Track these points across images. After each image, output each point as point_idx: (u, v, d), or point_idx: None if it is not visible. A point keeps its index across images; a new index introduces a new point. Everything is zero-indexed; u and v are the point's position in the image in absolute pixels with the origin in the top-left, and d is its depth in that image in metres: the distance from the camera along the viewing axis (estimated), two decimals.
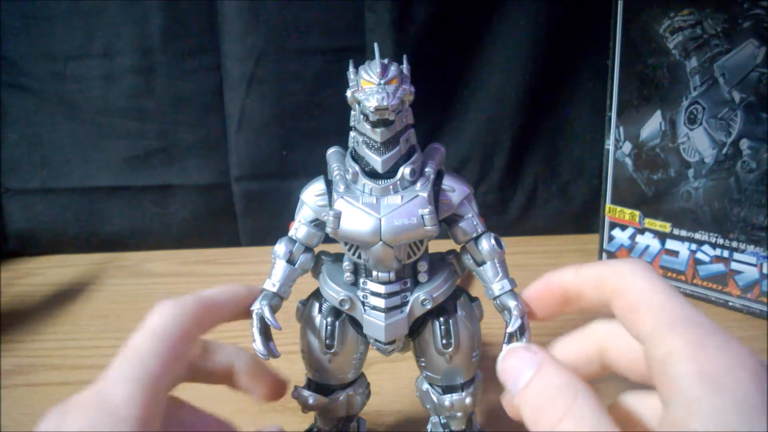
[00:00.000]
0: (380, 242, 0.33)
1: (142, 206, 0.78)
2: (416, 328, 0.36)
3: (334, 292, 0.35)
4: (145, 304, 0.31)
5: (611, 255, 0.69)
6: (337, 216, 0.33)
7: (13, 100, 0.73)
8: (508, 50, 0.73)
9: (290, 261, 0.36)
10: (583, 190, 0.79)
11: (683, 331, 0.25)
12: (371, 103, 0.31)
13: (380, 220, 0.32)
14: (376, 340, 0.35)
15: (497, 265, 0.35)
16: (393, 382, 0.37)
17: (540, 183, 0.79)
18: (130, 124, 0.74)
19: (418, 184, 0.33)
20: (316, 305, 0.36)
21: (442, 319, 0.36)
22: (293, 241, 0.36)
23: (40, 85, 0.73)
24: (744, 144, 0.57)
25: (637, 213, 0.66)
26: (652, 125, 0.62)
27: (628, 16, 0.61)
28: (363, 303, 0.35)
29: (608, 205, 0.68)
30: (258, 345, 0.34)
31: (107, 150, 0.75)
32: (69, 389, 0.28)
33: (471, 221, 0.35)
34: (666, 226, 0.64)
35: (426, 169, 0.34)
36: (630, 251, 0.67)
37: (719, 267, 0.61)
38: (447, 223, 0.35)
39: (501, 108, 0.75)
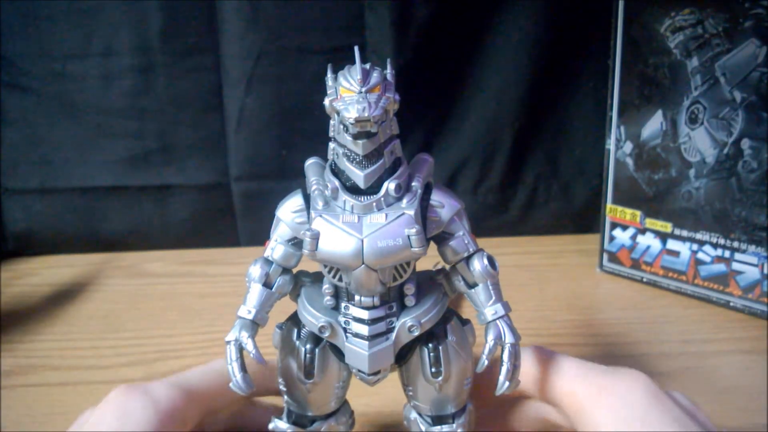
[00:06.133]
0: (363, 265, 0.30)
1: (141, 206, 0.77)
2: (403, 354, 0.33)
3: (313, 318, 0.32)
4: (144, 305, 0.31)
5: (612, 255, 0.69)
6: (315, 237, 0.30)
7: (12, 100, 0.73)
8: (508, 50, 0.73)
9: (267, 284, 0.33)
10: (583, 190, 0.78)
11: (582, 388, 0.32)
12: (351, 114, 0.28)
13: (362, 242, 0.29)
14: (360, 371, 0.32)
15: (490, 287, 0.32)
16: (393, 381, 0.36)
17: (540, 183, 0.79)
18: (129, 123, 0.74)
19: (404, 201, 0.30)
20: (295, 331, 0.34)
21: (431, 345, 0.32)
22: (269, 263, 0.33)
23: (39, 85, 0.73)
24: (745, 144, 0.56)
25: (638, 213, 0.66)
26: (653, 125, 0.62)
27: (629, 16, 0.61)
28: (345, 330, 0.32)
29: (609, 205, 0.68)
30: (240, 382, 0.31)
31: (106, 150, 0.75)
32: (68, 390, 0.28)
33: (462, 239, 0.32)
34: (667, 226, 0.64)
35: (413, 184, 0.31)
36: (631, 251, 0.67)
37: (720, 267, 0.61)
38: (436, 242, 0.33)
39: (501, 108, 0.75)
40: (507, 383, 0.31)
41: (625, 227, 0.67)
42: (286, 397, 0.34)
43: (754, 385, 0.49)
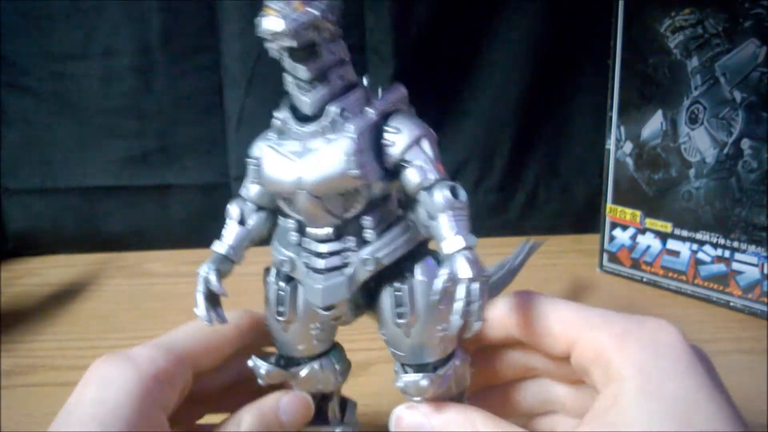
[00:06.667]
0: (304, 192, 0.29)
1: (142, 206, 0.77)
2: (376, 297, 0.32)
3: (278, 254, 0.32)
4: (144, 305, 0.31)
5: (612, 255, 0.69)
6: (258, 164, 0.30)
7: (12, 100, 0.73)
8: (508, 50, 0.73)
9: (242, 222, 0.33)
10: (583, 190, 0.78)
11: (605, 330, 0.28)
12: (263, 27, 0.27)
13: (301, 167, 0.28)
14: (317, 306, 0.31)
15: (452, 219, 0.28)
16: (391, 381, 0.36)
17: (540, 183, 0.79)
18: (129, 123, 0.74)
19: (352, 125, 0.28)
20: (273, 271, 0.33)
21: (396, 284, 0.30)
22: (245, 201, 0.33)
23: (39, 85, 0.73)
24: (745, 144, 0.56)
25: (638, 213, 0.66)
26: (653, 125, 0.62)
27: (629, 16, 0.61)
28: (306, 265, 0.31)
29: (609, 205, 0.68)
30: (199, 310, 0.31)
31: (106, 150, 0.75)
32: (68, 390, 0.28)
33: (421, 167, 0.29)
34: (667, 226, 0.64)
35: (367, 109, 0.29)
36: (631, 251, 0.67)
37: (720, 267, 0.61)
38: (398, 173, 0.30)
39: (501, 108, 0.75)
40: (457, 319, 0.27)
41: (625, 227, 0.67)
42: (271, 339, 0.34)
43: (754, 385, 0.49)
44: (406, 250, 0.30)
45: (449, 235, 0.28)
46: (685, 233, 0.63)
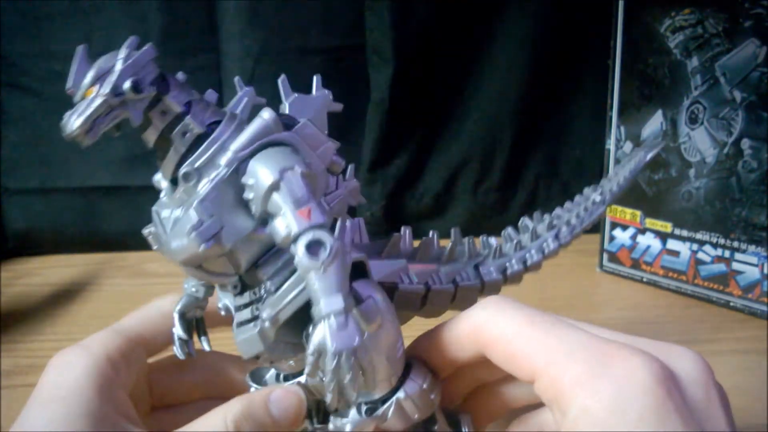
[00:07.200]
0: (179, 261, 0.27)
1: (142, 206, 0.77)
2: None
3: (218, 301, 0.30)
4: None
5: (612, 255, 0.69)
6: (149, 234, 0.29)
7: (12, 100, 0.73)
8: (508, 50, 0.73)
9: None
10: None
11: (566, 368, 0.25)
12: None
13: (168, 239, 0.27)
14: None
15: (317, 279, 0.24)
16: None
17: (541, 183, 0.79)
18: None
19: (200, 190, 0.26)
20: None
21: (310, 328, 0.26)
22: None
23: (39, 85, 0.73)
24: (745, 144, 0.57)
25: (638, 213, 0.66)
26: (653, 125, 0.62)
27: (629, 16, 0.61)
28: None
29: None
30: (176, 348, 0.32)
31: (106, 149, 0.75)
32: None
33: (282, 220, 0.25)
34: (667, 226, 0.64)
35: (219, 161, 0.26)
36: (631, 251, 0.67)
37: (720, 267, 0.61)
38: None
39: (501, 108, 0.75)
40: (331, 398, 0.25)
41: (625, 227, 0.67)
42: None
43: (754, 385, 0.49)
44: (306, 299, 0.26)
45: (315, 299, 0.24)
46: (685, 233, 0.63)
